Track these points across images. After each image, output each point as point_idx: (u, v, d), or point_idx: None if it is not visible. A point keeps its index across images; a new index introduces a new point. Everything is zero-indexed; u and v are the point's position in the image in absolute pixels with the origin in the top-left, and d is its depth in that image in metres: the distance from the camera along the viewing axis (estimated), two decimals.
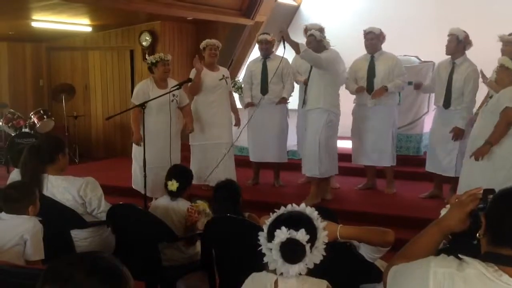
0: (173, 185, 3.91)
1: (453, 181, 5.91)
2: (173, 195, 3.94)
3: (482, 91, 5.65)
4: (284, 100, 6.68)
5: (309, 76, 6.03)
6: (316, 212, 2.09)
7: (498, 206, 1.64)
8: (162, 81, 5.95)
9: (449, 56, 5.83)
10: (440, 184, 6.12)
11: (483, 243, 1.66)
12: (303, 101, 6.13)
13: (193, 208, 3.87)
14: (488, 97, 5.01)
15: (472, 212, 1.79)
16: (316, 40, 5.89)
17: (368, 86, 6.20)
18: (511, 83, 4.71)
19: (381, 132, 6.22)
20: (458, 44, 5.72)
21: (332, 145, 5.98)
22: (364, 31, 6.26)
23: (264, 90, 6.65)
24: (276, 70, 6.43)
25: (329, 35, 6.59)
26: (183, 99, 6.17)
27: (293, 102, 7.00)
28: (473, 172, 4.88)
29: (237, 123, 6.77)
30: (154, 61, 5.92)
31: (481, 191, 1.83)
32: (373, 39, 6.18)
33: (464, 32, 5.74)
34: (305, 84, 6.28)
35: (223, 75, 6.51)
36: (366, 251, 2.55)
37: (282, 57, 6.24)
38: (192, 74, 6.39)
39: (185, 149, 6.52)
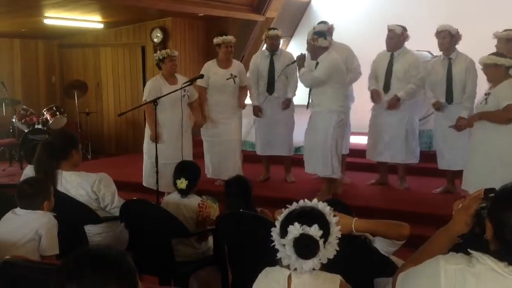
0: (182, 183, 3.93)
1: None
2: (183, 193, 3.96)
3: (482, 83, 5.63)
4: (288, 101, 6.67)
5: None
6: (329, 207, 2.09)
7: (497, 209, 1.62)
8: (171, 77, 6.00)
9: (440, 55, 5.90)
10: (453, 179, 6.09)
11: (491, 244, 1.63)
12: (308, 103, 6.02)
13: (204, 203, 3.89)
14: (485, 94, 4.97)
15: (476, 212, 1.80)
16: (312, 45, 5.75)
17: (385, 85, 6.15)
18: (505, 77, 4.69)
19: (395, 129, 6.18)
20: (452, 39, 5.75)
21: (340, 145, 5.92)
22: (388, 27, 6.17)
23: (271, 88, 6.62)
24: (287, 66, 6.42)
25: (339, 31, 6.59)
26: (193, 95, 6.21)
27: (301, 98, 6.96)
28: (485, 169, 4.85)
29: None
30: (161, 57, 5.98)
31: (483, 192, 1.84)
32: (393, 38, 6.08)
33: (453, 26, 5.75)
34: None
35: (231, 74, 6.47)
36: (381, 245, 2.56)
37: (288, 52, 6.26)
38: (203, 70, 6.42)
39: (197, 144, 6.55)
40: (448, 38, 5.75)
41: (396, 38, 6.09)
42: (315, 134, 5.90)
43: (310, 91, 5.96)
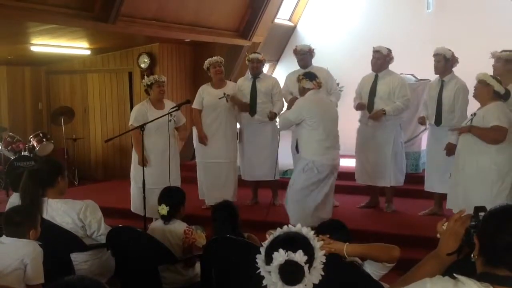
0: (163, 209, 3.93)
1: None
2: (166, 219, 3.96)
3: (472, 106, 5.70)
4: (273, 115, 6.50)
5: None
6: (313, 232, 2.09)
7: (488, 226, 1.65)
8: (158, 102, 6.04)
9: (438, 76, 5.97)
10: (440, 201, 6.11)
11: (478, 264, 1.66)
12: (296, 147, 5.71)
13: (190, 229, 3.89)
14: (471, 114, 5.04)
15: (465, 231, 1.80)
16: (298, 84, 5.48)
17: (368, 105, 6.23)
18: (491, 99, 4.76)
19: (380, 151, 6.23)
20: (446, 63, 5.84)
21: (306, 195, 5.38)
22: (373, 48, 6.28)
23: (253, 111, 6.64)
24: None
25: (325, 54, 6.69)
26: (180, 119, 6.24)
27: None
28: (469, 187, 4.89)
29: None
30: (149, 83, 6.04)
31: (465, 213, 1.85)
32: (380, 58, 6.20)
33: (450, 50, 5.86)
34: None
35: (224, 93, 6.53)
36: (371, 268, 2.57)
37: (272, 76, 6.35)
38: (198, 94, 6.50)
39: (185, 169, 6.54)
40: (442, 62, 5.84)
41: (382, 58, 6.20)
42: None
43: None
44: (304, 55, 6.54)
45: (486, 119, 4.75)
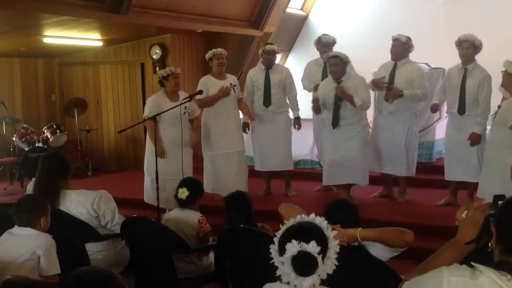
0: (183, 192, 3.93)
1: (470, 187, 5.82)
2: (183, 204, 3.96)
3: (496, 96, 5.62)
4: (299, 121, 6.65)
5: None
6: (326, 222, 2.08)
7: (505, 214, 1.64)
8: (173, 94, 6.01)
9: (459, 63, 5.78)
10: (455, 191, 6.05)
11: (495, 253, 1.65)
12: (336, 120, 6.07)
13: (203, 218, 3.90)
14: (498, 106, 4.94)
15: (484, 220, 1.78)
16: (343, 62, 5.85)
17: (387, 94, 6.15)
18: None
19: (394, 140, 6.16)
20: (475, 50, 5.64)
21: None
22: (392, 37, 6.17)
23: (268, 102, 6.61)
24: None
25: (338, 44, 6.64)
26: (194, 111, 6.22)
27: (304, 111, 6.98)
28: (492, 181, 4.82)
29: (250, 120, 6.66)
30: (165, 74, 6.00)
31: (484, 202, 1.83)
32: (398, 46, 6.07)
33: (477, 37, 5.66)
34: (314, 91, 6.46)
35: (230, 84, 6.49)
36: (379, 251, 2.55)
37: (284, 67, 6.34)
38: (200, 85, 6.45)
39: (196, 160, 6.54)
40: (471, 49, 5.61)
41: (401, 46, 6.06)
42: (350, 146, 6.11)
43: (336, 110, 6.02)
44: (327, 48, 6.54)
45: (505, 115, 4.65)
